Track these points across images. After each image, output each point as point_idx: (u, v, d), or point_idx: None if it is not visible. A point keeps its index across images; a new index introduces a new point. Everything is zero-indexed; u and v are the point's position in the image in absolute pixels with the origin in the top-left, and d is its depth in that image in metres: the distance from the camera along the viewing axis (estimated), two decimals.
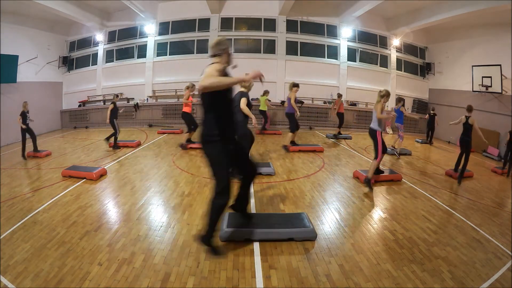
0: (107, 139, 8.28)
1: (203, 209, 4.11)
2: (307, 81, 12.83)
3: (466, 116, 6.09)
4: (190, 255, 2.98)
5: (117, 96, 8.77)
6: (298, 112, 7.68)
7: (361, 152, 8.32)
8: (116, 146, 8.16)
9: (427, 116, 11.15)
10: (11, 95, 10.59)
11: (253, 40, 13.02)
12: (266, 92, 10.22)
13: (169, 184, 5.14)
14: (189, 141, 8.13)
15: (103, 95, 13.41)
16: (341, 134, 10.38)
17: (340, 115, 10.25)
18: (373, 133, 5.25)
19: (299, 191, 4.90)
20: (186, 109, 7.97)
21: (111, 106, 8.04)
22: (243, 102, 4.88)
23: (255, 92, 12.17)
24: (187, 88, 7.95)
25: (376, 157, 5.17)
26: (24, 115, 7.41)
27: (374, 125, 5.24)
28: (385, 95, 5.16)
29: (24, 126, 7.40)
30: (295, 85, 7.63)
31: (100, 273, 2.68)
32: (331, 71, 13.14)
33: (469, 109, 6.14)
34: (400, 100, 8.47)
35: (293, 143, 8.08)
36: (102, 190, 4.90)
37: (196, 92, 8.00)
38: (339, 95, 10.45)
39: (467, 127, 6.07)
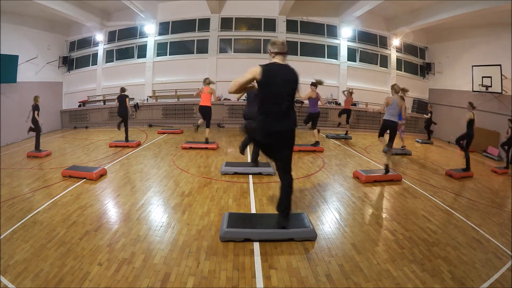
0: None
1: (203, 209, 4.11)
2: (307, 81, 12.80)
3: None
4: (190, 255, 2.98)
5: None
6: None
7: (361, 152, 8.32)
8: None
9: (428, 115, 11.07)
10: (11, 95, 10.60)
11: (253, 40, 13.01)
12: None
13: (169, 184, 5.14)
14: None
15: (103, 95, 13.41)
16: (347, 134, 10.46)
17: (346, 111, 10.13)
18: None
19: (299, 191, 4.90)
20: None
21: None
22: None
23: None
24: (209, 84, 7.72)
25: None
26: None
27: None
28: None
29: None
30: (313, 84, 8.01)
31: (100, 273, 2.68)
32: (331, 71, 13.13)
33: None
34: None
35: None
36: (102, 190, 4.90)
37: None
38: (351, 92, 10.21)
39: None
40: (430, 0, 10.08)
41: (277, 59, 3.11)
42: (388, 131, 5.88)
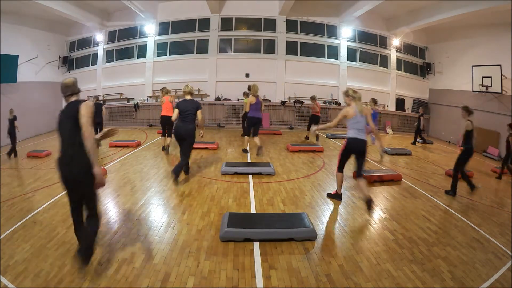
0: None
1: (203, 209, 4.12)
2: (307, 81, 12.86)
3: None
4: (190, 255, 2.98)
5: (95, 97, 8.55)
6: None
7: None
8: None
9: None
10: (11, 95, 10.60)
11: (253, 40, 13.02)
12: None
13: (169, 184, 5.14)
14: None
15: (103, 95, 13.42)
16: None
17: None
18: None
19: (299, 191, 4.90)
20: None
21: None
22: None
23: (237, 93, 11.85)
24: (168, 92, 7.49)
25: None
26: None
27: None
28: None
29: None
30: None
31: (100, 273, 2.68)
32: (331, 71, 13.15)
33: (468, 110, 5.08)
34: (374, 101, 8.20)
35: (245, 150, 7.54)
36: (102, 190, 4.88)
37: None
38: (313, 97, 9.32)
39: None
40: (430, 0, 10.09)
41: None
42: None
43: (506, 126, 7.06)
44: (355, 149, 4.21)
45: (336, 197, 4.61)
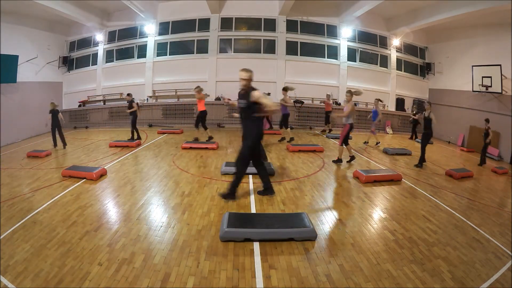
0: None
1: (203, 209, 4.12)
2: (307, 81, 12.85)
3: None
4: (190, 255, 2.98)
5: (128, 95, 9.41)
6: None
7: (361, 152, 8.32)
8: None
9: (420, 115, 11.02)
10: (11, 95, 10.60)
11: (253, 40, 13.01)
12: None
13: (169, 184, 5.14)
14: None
15: (103, 95, 13.41)
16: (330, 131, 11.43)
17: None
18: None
19: (299, 191, 4.90)
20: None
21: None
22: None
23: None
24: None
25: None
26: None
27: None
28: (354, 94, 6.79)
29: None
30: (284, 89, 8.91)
31: (100, 273, 2.68)
32: (331, 71, 13.14)
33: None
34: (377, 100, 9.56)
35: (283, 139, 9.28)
36: (102, 190, 4.90)
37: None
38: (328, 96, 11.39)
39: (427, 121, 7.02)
40: (430, 0, 10.09)
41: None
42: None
43: (484, 121, 8.20)
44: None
45: (338, 161, 6.76)
